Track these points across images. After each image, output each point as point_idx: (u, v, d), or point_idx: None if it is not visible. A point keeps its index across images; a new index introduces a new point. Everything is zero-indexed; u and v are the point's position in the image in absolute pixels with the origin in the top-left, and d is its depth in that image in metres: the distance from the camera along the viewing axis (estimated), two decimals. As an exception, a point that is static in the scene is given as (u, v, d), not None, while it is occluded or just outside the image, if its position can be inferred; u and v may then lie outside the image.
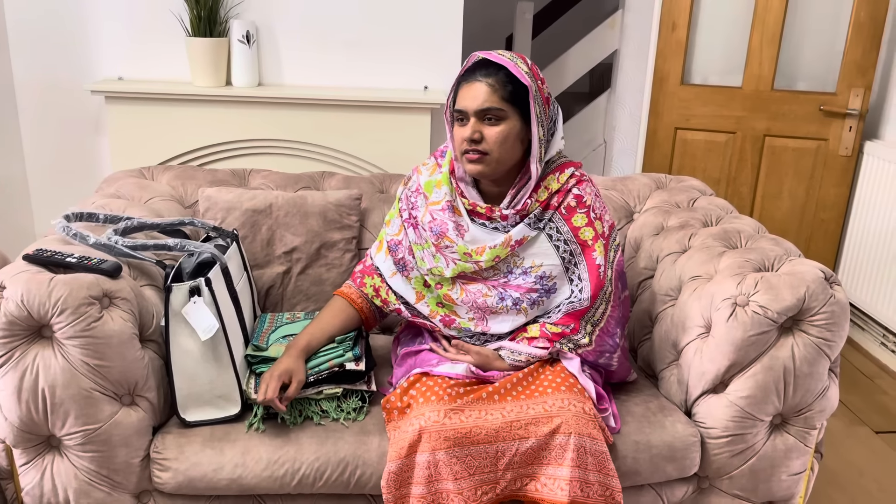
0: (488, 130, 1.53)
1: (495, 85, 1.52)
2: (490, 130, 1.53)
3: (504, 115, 1.53)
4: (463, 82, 1.55)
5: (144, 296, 1.57)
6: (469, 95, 1.53)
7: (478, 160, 1.55)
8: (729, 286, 1.59)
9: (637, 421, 1.62)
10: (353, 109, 2.51)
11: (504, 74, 1.53)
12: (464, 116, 1.55)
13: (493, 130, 1.53)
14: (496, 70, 1.53)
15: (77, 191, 2.58)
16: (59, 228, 1.58)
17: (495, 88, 1.52)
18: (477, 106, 1.52)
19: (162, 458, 1.51)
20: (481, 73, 1.54)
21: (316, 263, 2.00)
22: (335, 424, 1.58)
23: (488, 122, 1.53)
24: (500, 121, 1.53)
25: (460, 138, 1.56)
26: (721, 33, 3.04)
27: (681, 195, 2.13)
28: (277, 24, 2.52)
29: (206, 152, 2.52)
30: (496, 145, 1.53)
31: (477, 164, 1.55)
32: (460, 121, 1.56)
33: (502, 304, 1.61)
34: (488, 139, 1.53)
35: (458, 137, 1.56)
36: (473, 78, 1.54)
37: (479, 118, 1.53)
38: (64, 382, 1.41)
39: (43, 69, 2.52)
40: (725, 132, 3.07)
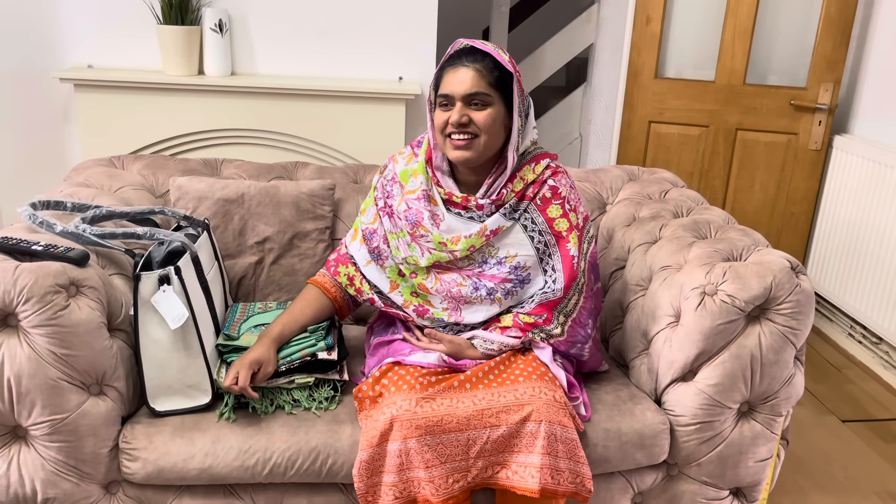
0: (476, 114, 1.54)
1: (482, 70, 1.53)
2: (478, 115, 1.54)
3: (490, 101, 1.54)
4: (448, 67, 1.56)
5: (113, 284, 1.56)
6: (456, 80, 1.53)
7: (465, 145, 1.55)
8: (698, 276, 1.61)
9: (607, 409, 1.64)
10: (328, 99, 2.50)
11: (490, 61, 1.54)
12: (449, 101, 1.55)
13: (482, 114, 1.54)
14: (482, 56, 1.54)
15: (45, 180, 2.54)
16: (26, 216, 1.56)
17: (482, 74, 1.53)
18: (465, 90, 1.52)
19: (131, 448, 1.49)
20: (468, 59, 1.54)
21: (289, 254, 1.99)
22: (307, 414, 1.58)
23: (475, 107, 1.54)
24: (487, 106, 1.54)
25: (443, 122, 1.55)
26: (694, 27, 3.06)
27: (653, 187, 2.14)
28: (251, 13, 2.50)
29: (177, 142, 2.49)
30: (485, 128, 1.54)
31: (464, 150, 1.55)
32: (444, 106, 1.56)
33: (476, 294, 1.62)
34: (477, 122, 1.54)
35: (441, 121, 1.56)
36: (460, 63, 1.54)
37: (466, 103, 1.53)
38: (30, 372, 1.40)
39: (11, 57, 2.47)
40: (698, 126, 3.10)
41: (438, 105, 1.57)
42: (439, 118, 1.57)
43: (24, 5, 2.42)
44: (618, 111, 3.21)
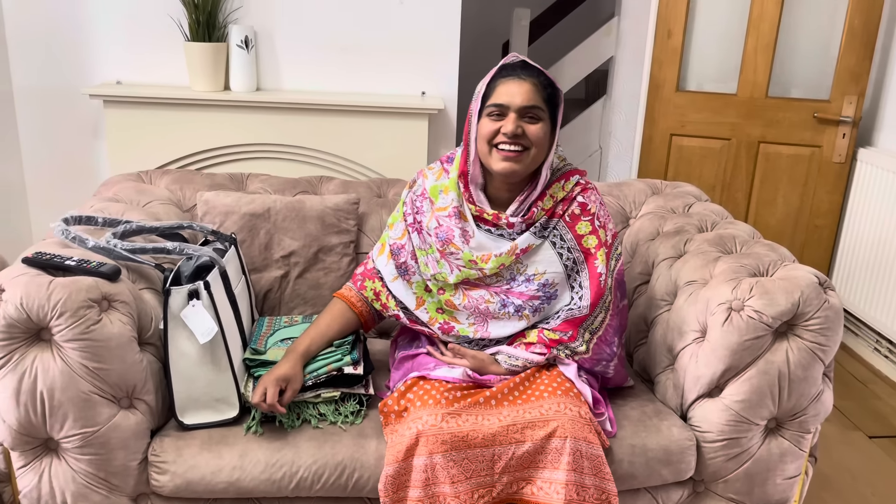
0: (529, 128, 1.55)
1: (538, 85, 1.55)
2: (531, 128, 1.55)
3: (543, 116, 1.56)
4: (502, 78, 1.57)
5: (143, 299, 1.58)
6: (515, 91, 1.54)
7: (515, 157, 1.55)
8: (724, 291, 1.61)
9: (633, 425, 1.63)
10: (351, 114, 2.53)
11: (544, 77, 1.57)
12: (502, 112, 1.55)
13: (535, 128, 1.55)
14: (536, 72, 1.57)
15: (75, 195, 2.58)
16: (58, 232, 1.59)
17: (538, 89, 1.55)
18: (523, 102, 1.54)
19: (160, 461, 1.51)
20: (524, 72, 1.56)
21: (314, 267, 2.00)
22: (333, 428, 1.59)
23: (528, 121, 1.55)
24: (539, 120, 1.56)
25: (493, 131, 1.55)
26: (716, 40, 3.06)
27: (676, 201, 2.14)
28: (276, 30, 2.53)
29: (204, 156, 2.52)
30: (537, 142, 1.56)
31: (512, 163, 1.55)
32: (496, 116, 1.56)
33: (504, 311, 1.62)
34: (530, 135, 1.55)
35: (490, 131, 1.56)
36: (516, 75, 1.55)
37: (521, 115, 1.54)
38: (62, 385, 1.42)
39: (42, 73, 2.52)
40: (720, 139, 3.09)
41: (487, 114, 1.57)
42: (487, 127, 1.56)
43: (55, 24, 2.48)
44: (639, 124, 3.21)
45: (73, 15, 2.47)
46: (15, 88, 2.53)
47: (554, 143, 1.60)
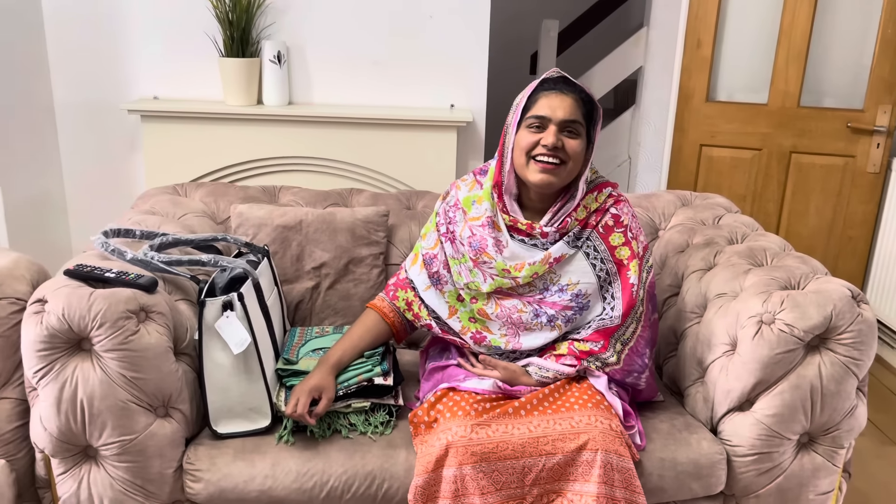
0: (569, 142, 1.57)
1: (579, 101, 1.58)
2: (570, 142, 1.58)
3: (581, 132, 1.59)
4: (545, 91, 1.59)
5: (179, 310, 1.61)
6: (558, 105, 1.57)
7: (552, 170, 1.57)
8: (755, 304, 1.60)
9: (663, 438, 1.63)
10: (381, 127, 2.56)
11: (584, 94, 1.59)
12: (542, 124, 1.58)
13: (573, 142, 1.58)
14: (578, 88, 1.59)
15: (113, 207, 2.64)
16: (98, 244, 1.64)
17: (579, 105, 1.58)
18: (565, 116, 1.56)
19: (194, 469, 1.54)
20: (566, 87, 1.59)
21: (344, 279, 2.03)
22: (363, 438, 1.60)
23: (568, 135, 1.57)
24: (578, 136, 1.58)
25: (532, 143, 1.58)
26: (746, 50, 3.04)
27: (706, 212, 2.13)
28: (307, 45, 2.58)
29: (237, 169, 2.57)
30: (574, 156, 1.58)
31: (549, 175, 1.58)
32: (535, 128, 1.58)
33: (537, 321, 1.63)
34: (568, 149, 1.57)
35: (529, 142, 1.58)
36: (559, 90, 1.58)
37: (561, 128, 1.57)
38: (102, 394, 1.46)
39: (82, 89, 2.60)
40: (751, 149, 3.07)
41: (526, 126, 1.59)
42: (526, 139, 1.59)
43: (94, 42, 2.55)
44: (668, 134, 3.20)
45: (113, 32, 2.55)
46: (56, 104, 2.61)
47: (590, 158, 1.62)
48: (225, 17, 2.44)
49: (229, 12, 2.43)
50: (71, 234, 2.76)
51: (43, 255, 1.99)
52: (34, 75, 2.52)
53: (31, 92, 2.51)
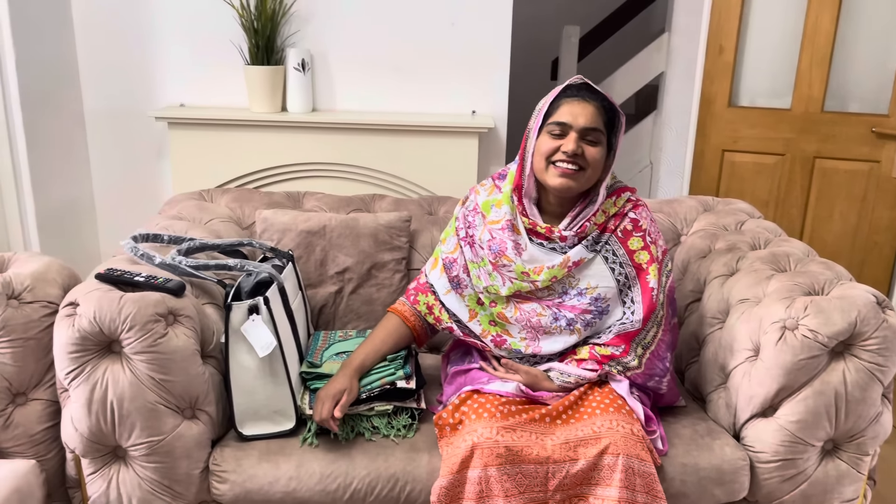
0: (588, 149, 1.59)
1: (601, 109, 1.60)
2: (590, 149, 1.59)
3: (601, 140, 1.60)
4: (567, 98, 1.61)
5: (206, 313, 1.64)
6: (579, 112, 1.58)
7: (572, 175, 1.59)
8: (778, 309, 1.59)
9: (685, 443, 1.63)
10: (403, 134, 2.58)
11: (607, 101, 1.60)
12: (563, 130, 1.59)
13: (593, 150, 1.59)
14: (600, 96, 1.60)
15: (140, 212, 2.69)
16: (128, 249, 1.67)
17: (600, 112, 1.59)
18: (586, 123, 1.57)
19: (220, 471, 1.57)
20: (588, 94, 1.60)
21: (367, 283, 2.05)
22: (386, 441, 1.62)
23: (588, 142, 1.59)
24: (598, 143, 1.60)
25: (552, 149, 1.59)
26: (769, 55, 3.03)
27: (728, 218, 2.13)
28: (331, 52, 2.61)
29: (262, 175, 2.61)
30: (593, 164, 1.59)
31: (569, 179, 1.59)
32: (557, 134, 1.60)
33: (556, 325, 1.64)
34: (588, 157, 1.59)
35: (550, 148, 1.60)
36: (581, 97, 1.59)
37: (581, 136, 1.58)
38: (131, 395, 1.49)
39: (110, 97, 2.65)
40: (774, 154, 3.05)
41: (547, 131, 1.61)
42: (547, 144, 1.60)
43: (123, 51, 2.60)
44: (690, 140, 3.19)
45: (141, 42, 2.60)
46: (86, 112, 2.67)
47: (611, 165, 1.63)
48: (250, 26, 2.48)
49: (255, 21, 2.47)
50: (99, 239, 2.81)
51: (73, 259, 2.04)
52: (65, 84, 2.58)
53: (62, 100, 2.57)
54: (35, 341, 1.57)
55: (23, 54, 2.34)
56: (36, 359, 1.58)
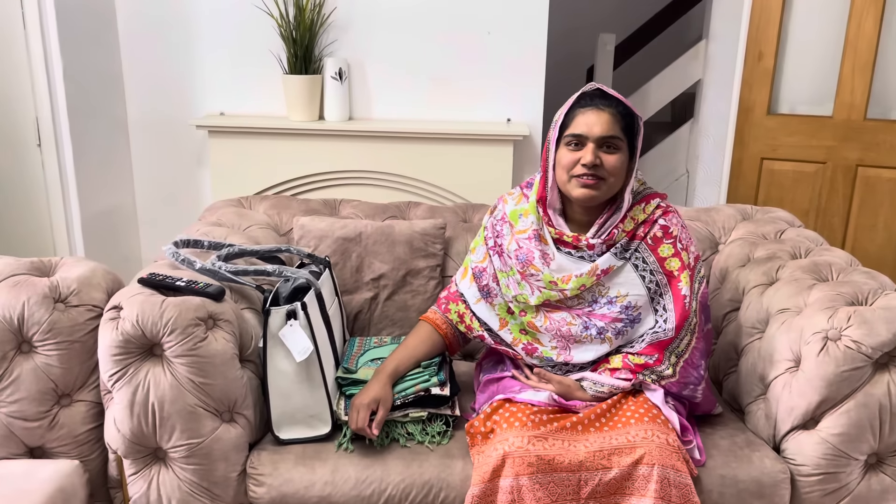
0: (607, 158, 1.57)
1: (616, 115, 1.58)
2: (608, 158, 1.57)
3: (621, 146, 1.58)
4: (581, 108, 1.59)
5: (244, 318, 1.67)
6: (594, 121, 1.57)
7: (594, 185, 1.58)
8: (819, 320, 1.57)
9: (723, 455, 1.60)
10: (438, 142, 2.60)
11: (622, 107, 1.59)
12: (580, 142, 1.58)
13: (612, 158, 1.58)
14: (615, 102, 1.59)
15: (180, 218, 2.75)
16: (169, 254, 1.71)
17: (616, 119, 1.58)
18: (601, 132, 1.56)
19: (257, 474, 1.59)
20: (602, 102, 1.58)
21: (402, 290, 2.07)
22: (420, 447, 1.63)
23: (606, 150, 1.57)
24: (617, 150, 1.58)
25: (572, 161, 1.58)
26: (810, 62, 2.98)
27: (768, 226, 2.10)
28: (368, 62, 2.64)
29: (299, 182, 2.64)
30: (614, 172, 1.58)
31: (591, 189, 1.58)
32: (574, 145, 1.59)
33: (587, 333, 1.63)
34: (607, 166, 1.57)
35: (570, 160, 1.59)
36: (594, 105, 1.58)
37: (599, 145, 1.57)
38: (171, 398, 1.51)
39: (153, 106, 2.72)
40: (815, 162, 3.00)
41: (565, 144, 1.60)
42: (567, 157, 1.59)
43: (165, 62, 2.67)
44: (728, 148, 3.15)
45: (183, 52, 2.66)
46: (129, 120, 2.74)
47: (633, 169, 1.62)
48: (289, 36, 2.52)
49: (293, 31, 2.51)
50: (141, 244, 2.87)
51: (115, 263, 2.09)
52: (110, 94, 2.65)
53: (106, 110, 2.64)
54: (80, 344, 1.61)
55: (70, 65, 2.41)
56: (81, 361, 1.62)
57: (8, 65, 2.36)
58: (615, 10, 4.91)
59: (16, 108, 2.40)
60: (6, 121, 2.41)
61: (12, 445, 1.61)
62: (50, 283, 1.61)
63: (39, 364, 1.59)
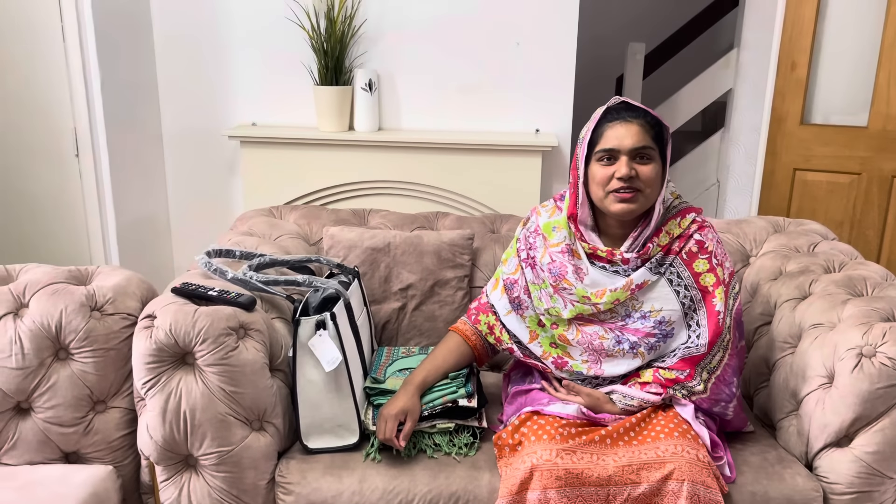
0: (642, 169, 1.56)
1: (646, 125, 1.57)
2: (643, 169, 1.56)
3: (654, 155, 1.58)
4: (609, 122, 1.58)
5: (275, 328, 1.69)
6: (623, 133, 1.56)
7: (632, 198, 1.56)
8: (854, 335, 1.54)
9: (754, 471, 1.58)
10: (467, 152, 2.60)
11: (650, 117, 1.58)
12: (612, 156, 1.57)
13: (647, 168, 1.57)
14: (642, 112, 1.58)
15: (213, 227, 2.79)
16: (202, 264, 1.73)
17: (646, 129, 1.57)
18: (633, 144, 1.55)
19: (286, 482, 1.60)
20: (629, 114, 1.58)
21: (429, 300, 2.07)
22: (447, 458, 1.63)
23: (640, 161, 1.56)
24: (651, 160, 1.57)
25: (607, 177, 1.57)
26: (844, 71, 2.94)
27: (800, 239, 2.07)
28: (397, 73, 2.66)
29: (329, 192, 2.67)
30: (649, 182, 1.57)
31: (629, 203, 1.57)
32: (607, 160, 1.58)
33: (619, 348, 1.62)
34: (642, 177, 1.56)
35: (605, 176, 1.57)
36: (622, 118, 1.57)
37: (632, 157, 1.56)
38: (203, 406, 1.54)
39: (187, 117, 2.77)
40: (849, 173, 2.95)
41: (596, 160, 1.59)
42: (601, 173, 1.58)
43: (199, 73, 2.72)
44: (759, 158, 3.12)
45: (216, 64, 2.70)
46: (164, 130, 2.79)
47: (665, 179, 1.61)
48: (320, 48, 2.55)
49: (324, 43, 2.54)
50: (174, 252, 2.92)
51: (148, 272, 2.13)
52: (145, 105, 2.71)
53: (142, 120, 2.70)
54: (115, 351, 1.65)
55: (107, 77, 2.47)
56: (115, 368, 1.66)
57: (48, 77, 2.43)
58: (645, 19, 4.89)
59: (55, 120, 2.46)
60: (46, 132, 2.47)
61: (48, 451, 1.64)
62: (87, 291, 1.65)
63: (76, 371, 1.62)
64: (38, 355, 1.60)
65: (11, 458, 1.64)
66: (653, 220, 1.61)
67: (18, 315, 1.61)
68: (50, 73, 2.42)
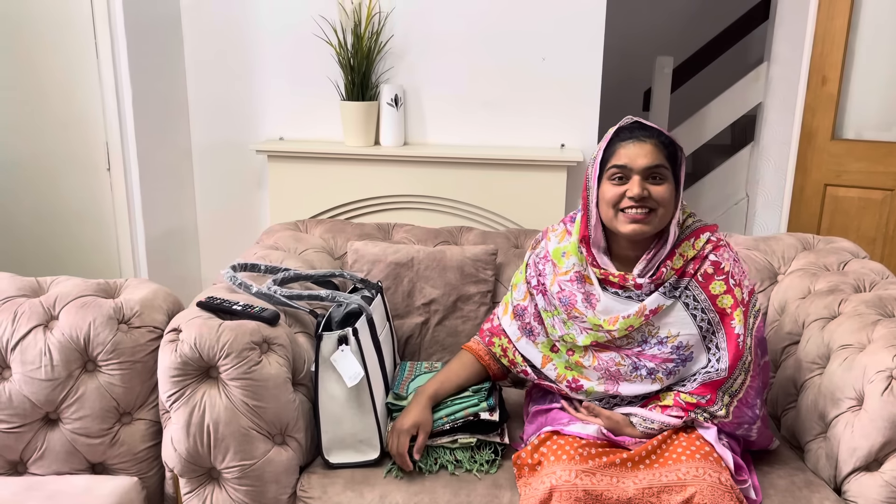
0: (654, 188, 1.54)
1: (659, 145, 1.55)
2: (656, 188, 1.54)
3: (667, 175, 1.55)
4: (622, 141, 1.56)
5: (298, 342, 1.70)
6: (637, 152, 1.54)
7: (643, 219, 1.54)
8: (884, 357, 1.51)
9: (780, 495, 1.55)
10: (492, 167, 2.61)
11: (663, 136, 1.56)
12: (625, 174, 1.55)
13: (660, 188, 1.54)
14: (655, 132, 1.56)
15: (240, 240, 2.82)
16: (227, 278, 1.76)
17: (660, 148, 1.55)
18: (646, 163, 1.53)
19: (307, 497, 1.61)
20: (642, 133, 1.55)
21: (452, 315, 2.07)
22: (468, 475, 1.62)
23: (652, 181, 1.54)
24: (664, 180, 1.55)
25: (617, 195, 1.55)
26: (877, 86, 2.89)
27: (830, 257, 2.03)
28: (423, 88, 2.68)
29: (354, 206, 2.69)
30: (663, 202, 1.55)
31: (641, 224, 1.54)
32: (618, 179, 1.56)
33: (636, 374, 1.60)
34: (656, 196, 1.54)
35: (615, 195, 1.55)
36: (635, 137, 1.55)
37: (644, 177, 1.54)
38: (226, 420, 1.55)
39: (215, 132, 2.81)
40: (882, 189, 2.90)
41: (608, 178, 1.58)
42: (611, 191, 1.56)
43: (228, 89, 2.76)
44: (789, 173, 3.08)
45: (245, 79, 2.75)
46: (193, 144, 2.84)
47: (679, 200, 1.58)
48: (347, 63, 2.57)
49: (351, 58, 2.57)
50: (201, 265, 2.96)
51: (175, 284, 2.16)
52: (175, 120, 2.76)
53: (172, 135, 2.75)
54: (141, 364, 1.67)
55: (139, 91, 2.52)
56: (141, 381, 1.68)
57: (81, 92, 2.48)
58: (673, 33, 4.86)
59: (87, 134, 2.52)
60: (79, 145, 2.53)
61: (75, 461, 1.67)
62: (115, 304, 1.68)
63: (103, 383, 1.65)
64: (66, 367, 1.63)
65: (39, 467, 1.67)
66: (668, 242, 1.58)
67: (48, 327, 1.65)
68: (83, 88, 2.48)
